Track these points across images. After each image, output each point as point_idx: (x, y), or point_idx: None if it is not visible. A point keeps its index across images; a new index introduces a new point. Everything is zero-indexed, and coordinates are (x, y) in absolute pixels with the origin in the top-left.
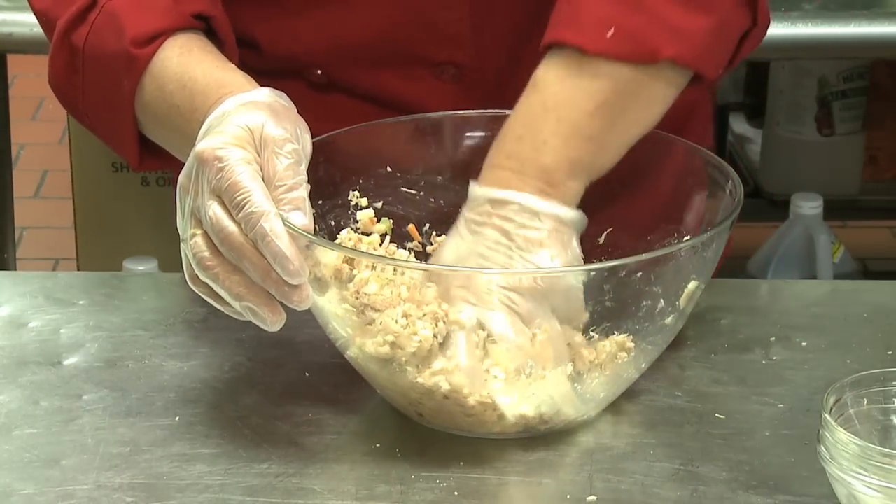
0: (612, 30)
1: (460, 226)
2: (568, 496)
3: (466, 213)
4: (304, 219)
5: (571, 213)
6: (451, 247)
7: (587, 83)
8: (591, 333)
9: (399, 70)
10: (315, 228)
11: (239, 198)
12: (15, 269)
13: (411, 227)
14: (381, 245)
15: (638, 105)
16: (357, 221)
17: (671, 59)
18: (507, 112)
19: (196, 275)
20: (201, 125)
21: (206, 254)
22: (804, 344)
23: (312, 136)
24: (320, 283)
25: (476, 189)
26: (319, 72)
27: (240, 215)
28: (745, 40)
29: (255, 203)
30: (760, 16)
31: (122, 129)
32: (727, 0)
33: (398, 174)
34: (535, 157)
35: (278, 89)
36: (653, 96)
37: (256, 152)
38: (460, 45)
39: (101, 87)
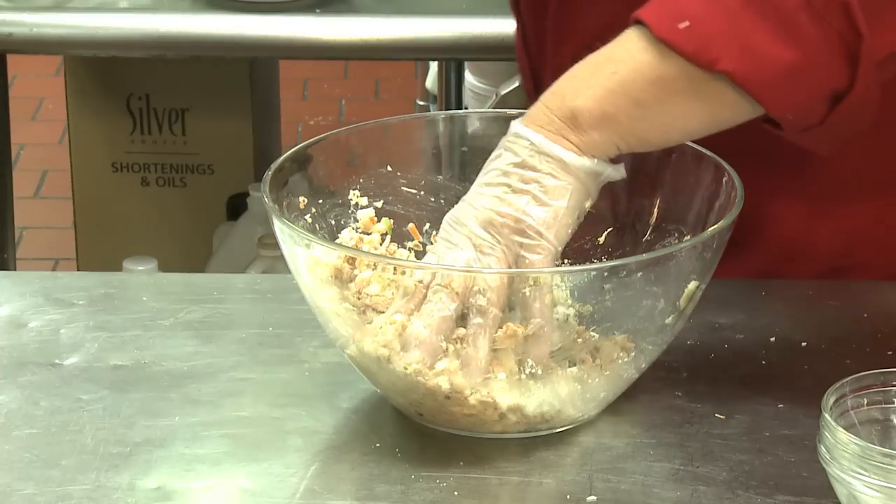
0: (688, 23)
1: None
2: (568, 496)
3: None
4: None
5: (580, 160)
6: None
7: (657, 58)
8: (592, 333)
9: None
10: (315, 228)
11: None
12: (15, 269)
13: (411, 226)
14: (381, 245)
15: (695, 102)
16: (357, 221)
17: (727, 72)
18: (509, 112)
19: None
20: None
21: None
22: (804, 344)
23: None
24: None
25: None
26: None
27: None
28: (839, 102)
29: None
30: (859, 83)
31: None
32: (820, 44)
33: (398, 174)
34: (571, 98)
35: None
36: (707, 103)
37: None
38: None
39: None
